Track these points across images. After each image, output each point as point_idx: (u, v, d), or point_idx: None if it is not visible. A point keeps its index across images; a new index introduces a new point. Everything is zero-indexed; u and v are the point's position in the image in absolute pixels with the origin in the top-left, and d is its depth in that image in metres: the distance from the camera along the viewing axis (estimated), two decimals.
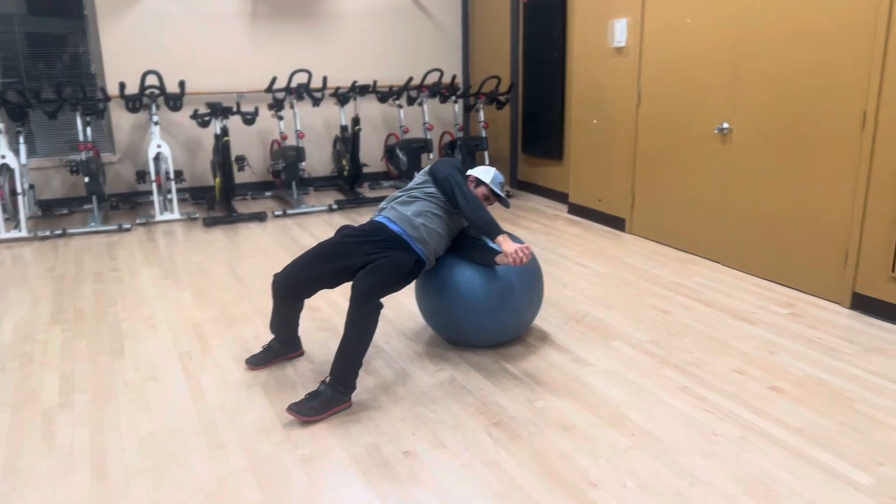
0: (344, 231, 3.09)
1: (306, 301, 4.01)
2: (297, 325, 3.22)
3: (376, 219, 3.13)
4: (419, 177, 3.22)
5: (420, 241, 3.05)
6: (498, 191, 3.24)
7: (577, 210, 6.04)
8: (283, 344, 3.23)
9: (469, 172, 3.29)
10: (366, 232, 3.04)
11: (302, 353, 3.32)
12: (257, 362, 3.19)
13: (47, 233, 5.51)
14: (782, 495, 2.23)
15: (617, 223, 5.57)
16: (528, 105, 6.73)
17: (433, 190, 3.14)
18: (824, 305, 3.86)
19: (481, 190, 3.24)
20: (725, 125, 4.42)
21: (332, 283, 3.00)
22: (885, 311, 3.62)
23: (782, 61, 4.01)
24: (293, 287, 2.99)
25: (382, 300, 3.29)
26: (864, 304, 3.74)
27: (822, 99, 3.81)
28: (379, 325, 3.68)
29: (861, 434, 2.59)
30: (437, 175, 3.09)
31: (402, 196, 3.17)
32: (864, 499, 2.22)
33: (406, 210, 3.09)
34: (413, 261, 3.00)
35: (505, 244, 2.90)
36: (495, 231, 2.94)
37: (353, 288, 2.80)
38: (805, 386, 2.95)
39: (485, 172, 3.25)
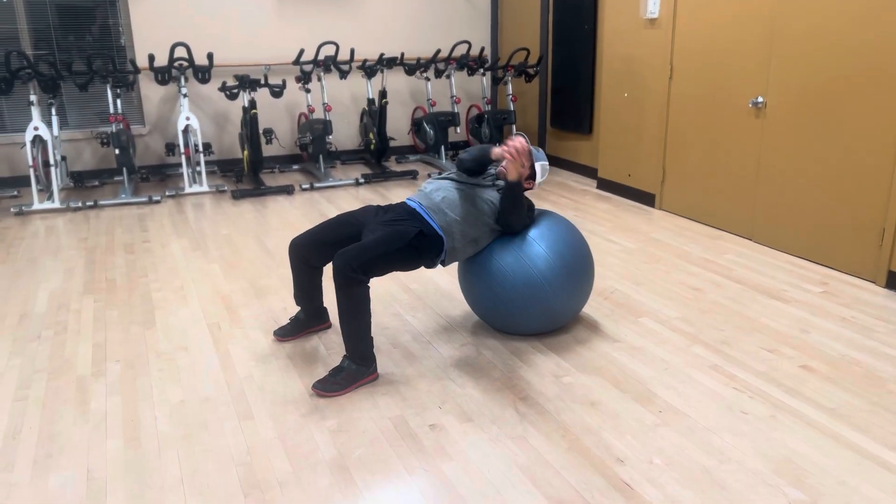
0: (367, 207, 3.10)
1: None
2: (319, 295, 3.20)
3: (404, 200, 3.09)
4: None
5: (435, 210, 2.91)
6: (539, 173, 3.08)
7: (606, 185, 5.97)
8: (309, 316, 3.25)
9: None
10: (385, 207, 3.06)
11: (329, 326, 3.34)
12: (285, 334, 3.22)
13: (79, 204, 5.59)
14: (812, 474, 2.21)
15: (647, 199, 5.50)
16: (558, 78, 6.64)
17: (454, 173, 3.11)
18: (859, 284, 3.79)
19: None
20: (760, 99, 4.32)
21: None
22: None
23: (820, 34, 3.89)
24: (307, 248, 2.99)
25: (377, 277, 3.04)
26: None
27: (860, 73, 3.70)
28: (405, 298, 3.69)
29: (893, 414, 2.54)
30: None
31: (431, 182, 3.11)
32: (895, 479, 2.19)
33: (426, 187, 3.07)
34: (414, 232, 2.82)
35: (494, 151, 2.92)
36: (487, 152, 2.94)
37: (333, 263, 2.71)
38: (837, 365, 2.91)
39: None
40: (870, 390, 2.71)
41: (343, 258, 2.67)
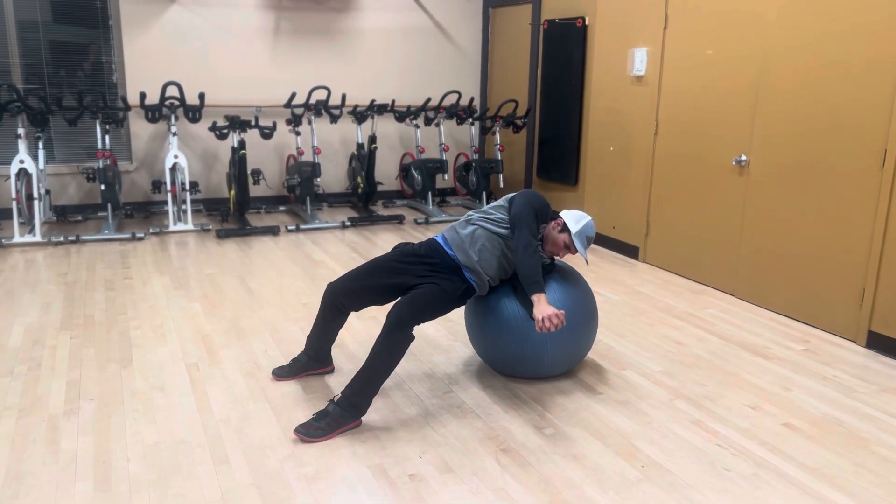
0: (400, 248, 3.09)
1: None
2: (332, 340, 3.20)
3: (436, 238, 3.12)
4: (499, 201, 3.12)
5: (473, 270, 3.00)
6: (578, 245, 3.00)
7: None
8: (312, 358, 3.22)
9: (561, 214, 3.08)
10: (420, 254, 3.03)
11: (332, 370, 3.29)
12: (283, 374, 3.19)
13: (61, 238, 5.53)
14: None
15: (631, 251, 5.54)
16: (545, 130, 6.74)
17: (501, 217, 3.04)
18: (839, 343, 3.81)
19: (564, 237, 3.03)
20: (743, 157, 4.40)
21: (383, 300, 3.02)
22: None
23: (803, 96, 3.99)
24: (345, 296, 3.00)
25: (416, 330, 3.15)
26: (879, 343, 3.68)
27: (842, 135, 3.79)
28: None
29: (877, 476, 2.53)
30: (513, 205, 2.99)
31: (468, 217, 3.12)
32: None
33: (464, 233, 3.03)
34: (462, 290, 2.96)
35: (537, 307, 2.77)
36: (534, 288, 2.81)
37: (389, 314, 2.77)
38: (820, 424, 2.90)
39: (576, 220, 3.02)
40: (853, 451, 2.70)
41: (408, 310, 2.76)
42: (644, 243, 5.39)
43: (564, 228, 3.04)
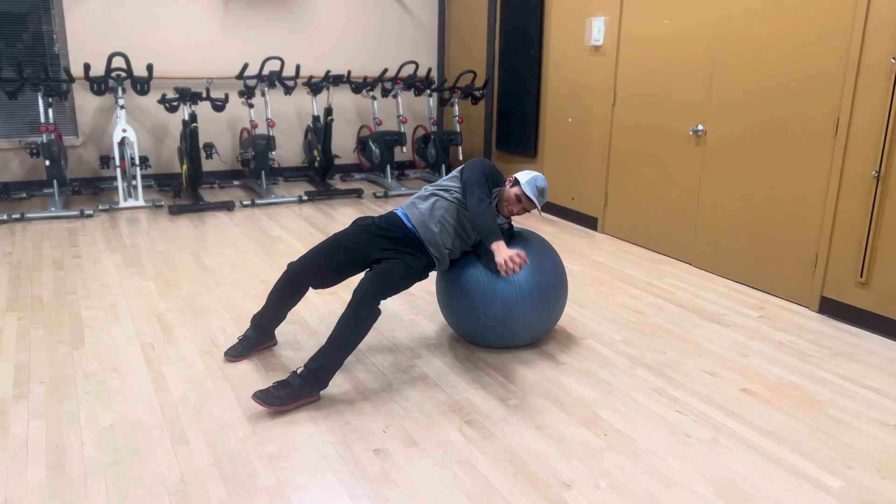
0: (359, 223, 3.06)
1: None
2: (283, 318, 3.19)
3: (395, 211, 3.12)
4: (453, 173, 3.16)
5: (434, 244, 3.02)
6: (530, 193, 3.04)
7: (550, 208, 6.02)
8: (260, 334, 3.19)
9: (516, 175, 3.14)
10: (382, 226, 3.03)
11: (275, 343, 3.28)
12: (237, 354, 3.12)
13: (4, 216, 5.32)
14: (754, 498, 2.23)
15: (590, 222, 5.57)
16: (503, 101, 6.70)
17: (456, 186, 3.09)
18: (793, 309, 3.89)
19: (515, 190, 3.08)
20: (700, 127, 4.44)
21: (346, 275, 3.00)
22: (853, 315, 3.67)
23: (758, 65, 4.03)
24: (308, 276, 2.96)
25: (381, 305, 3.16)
26: (831, 309, 3.77)
27: (796, 104, 3.84)
28: None
29: (831, 438, 2.60)
30: (464, 173, 3.04)
31: (425, 192, 3.14)
32: (834, 502, 2.22)
33: (423, 207, 3.06)
34: (424, 263, 3.00)
35: (497, 253, 2.80)
36: (491, 238, 2.84)
37: (357, 289, 2.78)
38: (776, 389, 2.96)
39: (525, 174, 3.11)
40: (808, 413, 2.77)
41: (375, 285, 2.76)
42: (603, 214, 5.42)
43: (515, 183, 3.12)
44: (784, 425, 2.67)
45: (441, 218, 3.03)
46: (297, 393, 2.69)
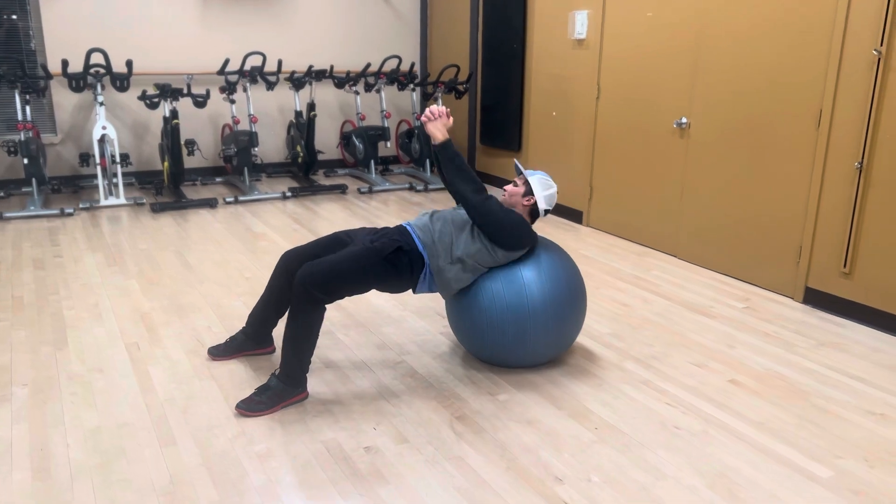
0: (367, 227, 2.98)
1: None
2: (276, 320, 3.06)
3: (404, 225, 2.90)
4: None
5: (422, 229, 2.80)
6: (541, 207, 2.90)
7: None
8: (250, 337, 3.08)
9: (528, 178, 2.92)
10: (380, 229, 2.88)
11: (273, 351, 3.16)
12: (219, 353, 3.06)
13: None
14: (745, 489, 2.24)
15: (574, 216, 5.57)
16: (487, 95, 6.68)
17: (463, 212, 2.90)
18: (778, 300, 3.92)
19: (521, 186, 2.92)
20: (684, 120, 4.45)
21: None
22: (837, 305, 3.70)
23: (741, 58, 4.04)
24: (298, 259, 2.87)
25: (335, 300, 2.73)
26: (816, 299, 3.81)
27: (779, 96, 3.86)
28: (337, 316, 3.59)
29: (819, 427, 2.62)
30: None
31: (436, 213, 2.93)
32: (823, 492, 2.24)
33: (425, 216, 2.91)
34: (392, 248, 2.70)
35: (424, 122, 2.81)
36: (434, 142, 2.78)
37: (297, 274, 2.61)
38: (763, 380, 2.98)
39: (540, 181, 2.90)
40: (795, 404, 2.79)
41: (308, 272, 2.58)
42: (588, 207, 5.42)
43: (529, 192, 2.92)
44: (772, 416, 2.69)
45: (441, 219, 2.85)
46: (279, 395, 2.66)
